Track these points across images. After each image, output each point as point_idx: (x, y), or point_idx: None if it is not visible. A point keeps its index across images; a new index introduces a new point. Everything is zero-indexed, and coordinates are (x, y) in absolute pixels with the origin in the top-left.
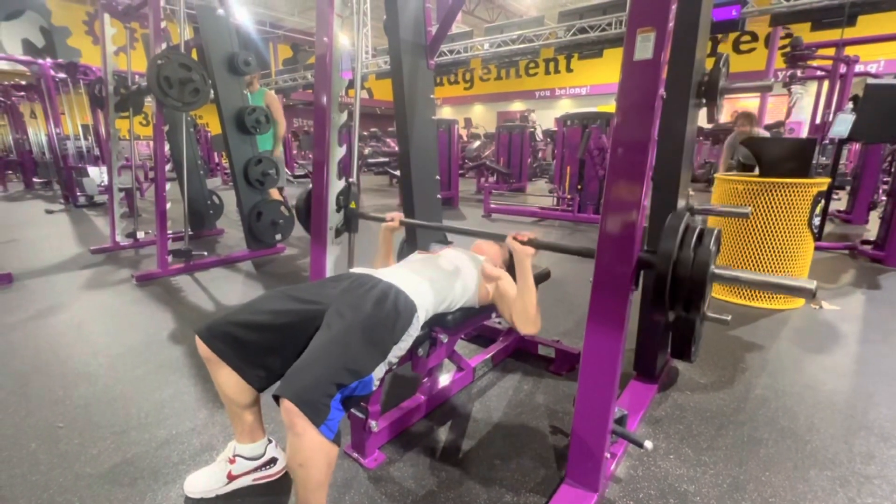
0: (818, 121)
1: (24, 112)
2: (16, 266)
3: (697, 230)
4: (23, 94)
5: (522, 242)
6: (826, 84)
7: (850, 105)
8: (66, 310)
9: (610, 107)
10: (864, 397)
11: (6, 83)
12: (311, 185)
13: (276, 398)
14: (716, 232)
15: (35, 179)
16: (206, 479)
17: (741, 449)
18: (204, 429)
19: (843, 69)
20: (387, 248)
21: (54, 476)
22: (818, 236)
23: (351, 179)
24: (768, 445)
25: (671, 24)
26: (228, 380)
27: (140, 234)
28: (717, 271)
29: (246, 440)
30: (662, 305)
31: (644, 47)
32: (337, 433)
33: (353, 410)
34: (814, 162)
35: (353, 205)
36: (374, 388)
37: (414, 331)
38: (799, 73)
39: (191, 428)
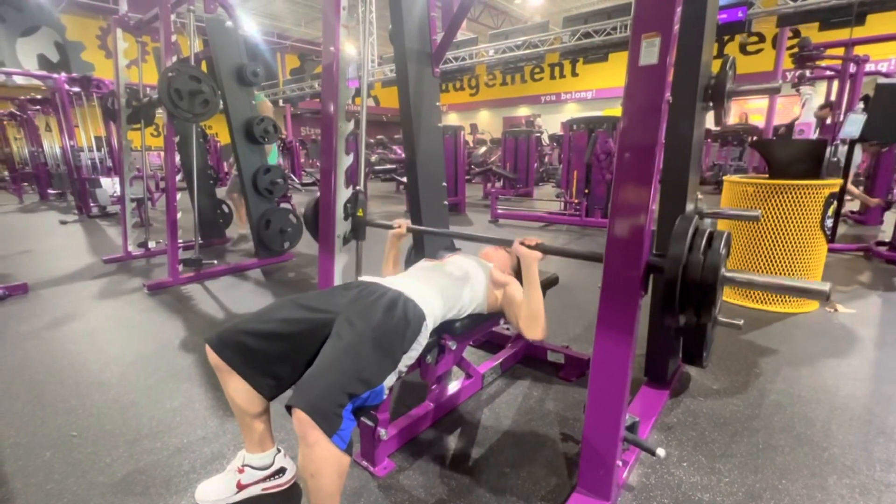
0: (829, 121)
1: (40, 125)
2: (31, 276)
3: (707, 233)
4: (38, 107)
5: (529, 247)
6: (836, 84)
7: (861, 105)
8: (80, 319)
9: (616, 110)
10: (882, 402)
11: (22, 97)
12: (318, 194)
13: (289, 408)
14: (725, 235)
15: (50, 191)
16: (216, 488)
17: (756, 456)
18: (215, 437)
19: (852, 69)
20: (394, 255)
21: (68, 484)
22: (831, 238)
23: (358, 188)
24: (784, 452)
25: (676, 29)
26: (238, 389)
27: (151, 244)
28: (728, 275)
29: (255, 449)
30: (673, 310)
31: (649, 52)
32: (349, 443)
33: (362, 418)
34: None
35: (360, 213)
36: (384, 397)
37: (423, 339)
38: (808, 73)
39: (202, 436)
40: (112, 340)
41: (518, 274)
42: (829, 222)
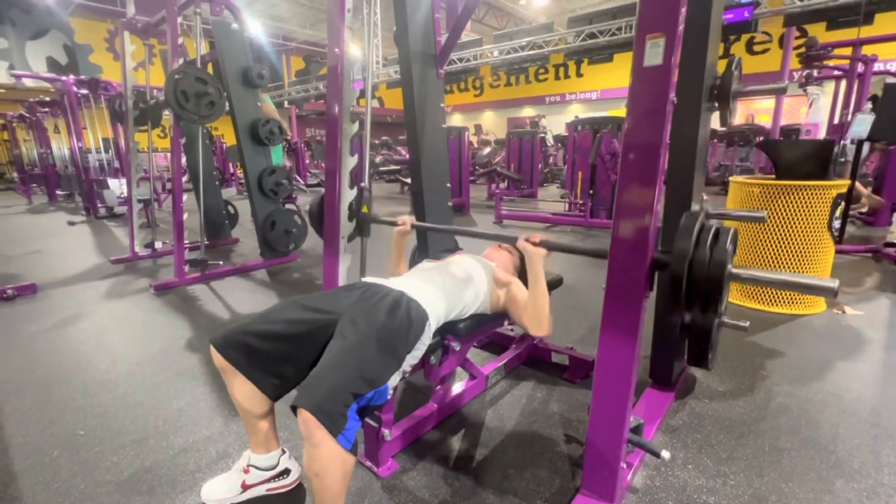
0: (836, 121)
1: (49, 127)
2: (40, 276)
3: (713, 229)
4: (47, 109)
5: (534, 244)
6: (844, 84)
7: (869, 105)
8: (88, 319)
9: (621, 111)
10: (890, 405)
11: (31, 100)
12: (323, 191)
13: (294, 408)
14: (732, 231)
15: (58, 192)
16: (221, 488)
17: (762, 459)
18: (220, 437)
19: (860, 68)
20: (398, 252)
21: (75, 483)
22: (839, 239)
23: (363, 184)
24: (791, 455)
25: (680, 29)
26: (243, 389)
27: (158, 245)
28: (734, 271)
29: (260, 450)
30: (679, 306)
31: (654, 53)
32: (354, 443)
33: (366, 419)
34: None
35: (364, 209)
36: (388, 397)
37: (426, 339)
38: (815, 73)
39: (207, 436)
40: (119, 340)
41: (521, 274)
42: (837, 223)
